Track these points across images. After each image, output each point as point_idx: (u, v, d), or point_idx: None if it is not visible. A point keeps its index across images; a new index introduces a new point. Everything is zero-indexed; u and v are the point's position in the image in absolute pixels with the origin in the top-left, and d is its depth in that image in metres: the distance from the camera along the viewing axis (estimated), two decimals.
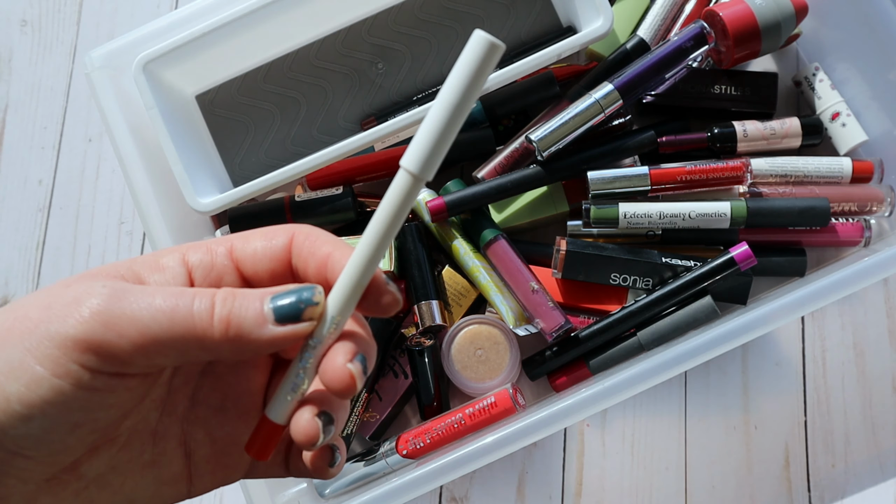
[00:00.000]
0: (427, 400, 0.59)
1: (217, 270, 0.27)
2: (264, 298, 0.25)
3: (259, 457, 0.27)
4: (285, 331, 0.25)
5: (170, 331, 0.24)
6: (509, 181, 0.59)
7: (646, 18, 0.62)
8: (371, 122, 0.61)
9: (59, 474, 0.26)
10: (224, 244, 0.28)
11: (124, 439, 0.28)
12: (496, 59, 0.23)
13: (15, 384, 0.24)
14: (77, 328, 0.24)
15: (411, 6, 0.61)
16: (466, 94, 0.24)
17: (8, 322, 0.25)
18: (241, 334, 0.25)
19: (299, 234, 0.27)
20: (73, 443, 0.25)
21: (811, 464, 0.61)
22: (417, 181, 0.25)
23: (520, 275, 0.58)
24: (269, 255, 0.27)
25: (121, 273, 0.27)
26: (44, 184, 0.69)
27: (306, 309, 0.25)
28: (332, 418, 0.27)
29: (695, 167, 0.58)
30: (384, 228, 0.25)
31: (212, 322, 0.25)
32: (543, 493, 0.62)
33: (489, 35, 0.23)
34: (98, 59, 0.57)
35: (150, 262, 0.27)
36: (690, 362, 0.51)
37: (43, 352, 0.24)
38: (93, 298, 0.24)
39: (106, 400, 0.25)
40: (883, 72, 0.58)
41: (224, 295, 0.25)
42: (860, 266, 0.52)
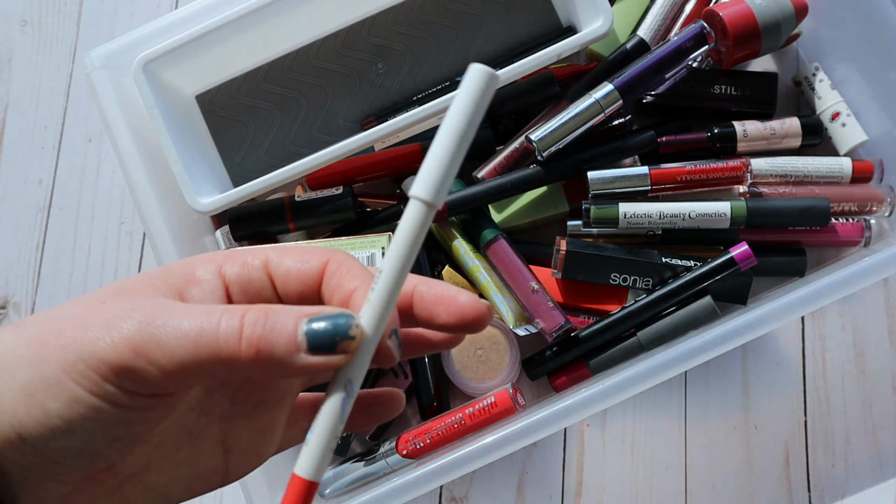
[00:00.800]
0: (427, 400, 0.59)
1: (255, 286, 0.27)
2: (299, 322, 0.24)
3: None
4: (317, 361, 0.24)
5: (195, 355, 0.24)
6: (509, 181, 0.59)
7: (646, 18, 0.62)
8: (371, 122, 0.61)
9: (94, 475, 0.26)
10: (260, 257, 0.27)
11: (159, 438, 0.28)
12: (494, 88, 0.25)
13: (55, 402, 0.24)
14: (109, 353, 0.23)
15: (411, 6, 0.61)
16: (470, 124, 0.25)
17: (42, 335, 0.24)
18: (271, 360, 0.24)
19: (333, 262, 0.27)
20: (110, 452, 0.25)
21: (811, 464, 0.61)
22: (430, 209, 0.25)
23: (520, 275, 0.58)
24: (300, 277, 0.27)
25: (157, 287, 0.26)
26: (44, 184, 0.69)
27: (341, 343, 0.24)
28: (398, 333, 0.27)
29: (695, 167, 0.58)
30: (404, 259, 0.25)
31: (239, 346, 0.24)
32: (543, 493, 0.62)
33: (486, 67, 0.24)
34: (98, 59, 0.57)
35: (187, 273, 0.27)
36: (690, 362, 0.51)
37: (79, 371, 0.24)
38: (124, 323, 0.24)
39: (144, 416, 0.25)
40: (883, 72, 0.58)
41: (255, 317, 0.24)
42: (860, 266, 0.52)
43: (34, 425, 0.24)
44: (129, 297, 0.25)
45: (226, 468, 0.29)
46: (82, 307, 0.25)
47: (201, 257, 0.28)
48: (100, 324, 0.24)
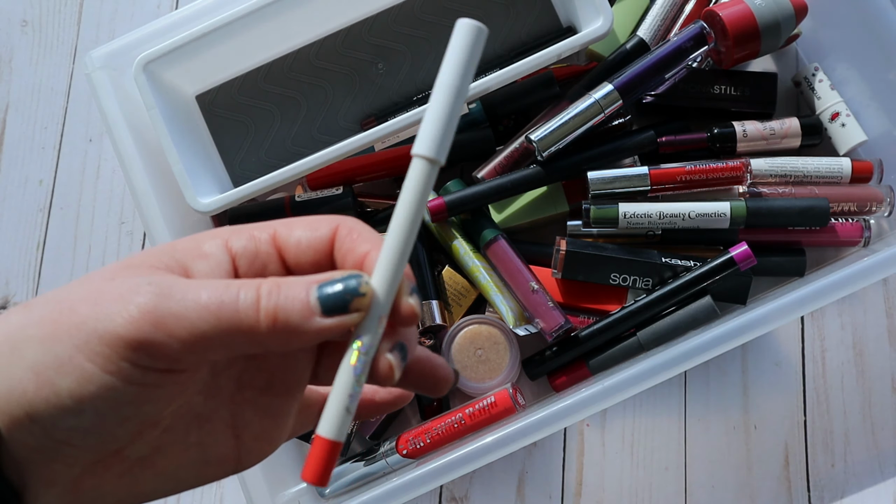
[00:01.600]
0: (427, 400, 0.60)
1: (261, 259, 0.27)
2: (310, 288, 0.25)
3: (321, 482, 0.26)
4: (332, 322, 0.25)
5: (217, 327, 0.24)
6: (509, 181, 0.59)
7: (646, 18, 0.62)
8: (371, 122, 0.61)
9: (103, 457, 0.26)
10: (267, 230, 0.27)
11: (168, 422, 0.28)
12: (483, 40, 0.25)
13: (65, 380, 0.24)
14: (127, 328, 0.23)
15: (411, 6, 0.61)
16: (464, 78, 0.25)
17: (53, 314, 0.24)
18: (288, 327, 0.24)
19: (343, 227, 0.27)
20: (119, 433, 0.25)
21: (811, 464, 0.61)
22: (433, 165, 0.25)
23: (520, 275, 0.58)
24: (312, 246, 0.27)
25: (164, 262, 0.26)
26: (44, 184, 0.69)
27: (353, 300, 0.25)
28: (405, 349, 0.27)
29: (694, 167, 0.58)
30: (410, 219, 0.25)
31: (258, 316, 0.24)
32: (543, 493, 0.62)
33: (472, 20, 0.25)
34: (98, 60, 0.57)
35: (193, 248, 0.27)
36: (690, 362, 0.51)
37: (93, 349, 0.24)
38: (140, 297, 0.24)
39: (154, 394, 0.25)
40: (882, 72, 0.58)
41: (269, 287, 0.25)
42: (860, 266, 0.52)
43: (44, 405, 0.24)
44: (138, 272, 0.25)
45: (237, 454, 0.29)
46: (92, 285, 0.25)
47: (207, 233, 0.28)
48: (114, 299, 0.24)
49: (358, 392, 0.26)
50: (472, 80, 0.25)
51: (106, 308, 0.24)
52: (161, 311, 0.24)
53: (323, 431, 0.26)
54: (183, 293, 0.24)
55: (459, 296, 0.61)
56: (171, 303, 0.24)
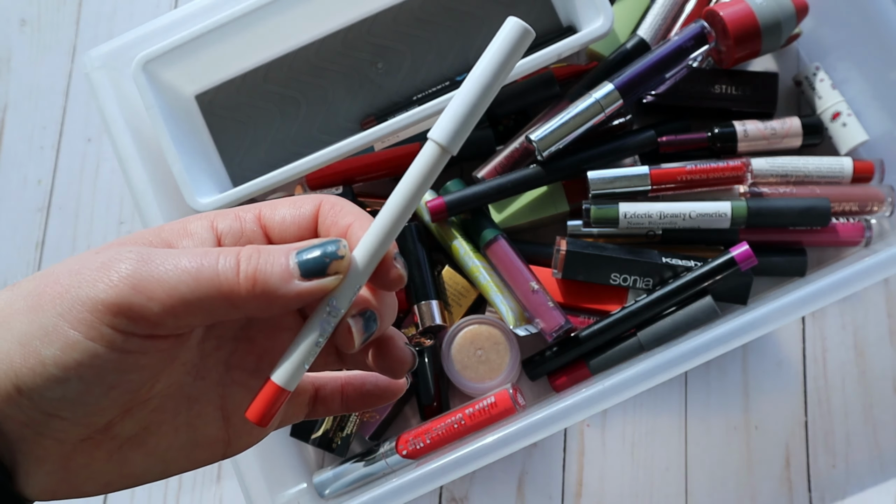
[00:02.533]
0: (427, 400, 0.59)
1: (246, 236, 0.28)
2: (290, 253, 0.25)
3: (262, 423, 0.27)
4: (311, 285, 0.25)
5: (196, 290, 0.24)
6: (509, 181, 0.59)
7: (646, 18, 0.62)
8: (371, 122, 0.61)
9: (93, 434, 0.27)
10: (252, 211, 0.28)
11: (157, 402, 0.28)
12: (527, 43, 0.25)
13: (50, 348, 0.24)
14: (107, 292, 0.24)
15: (412, 6, 0.61)
16: (497, 75, 0.25)
17: (39, 287, 0.25)
18: (267, 290, 0.25)
19: (325, 203, 0.28)
20: (107, 404, 0.25)
21: (812, 464, 0.61)
22: (444, 153, 0.26)
23: (520, 275, 0.58)
24: (296, 222, 0.28)
25: (149, 240, 0.27)
26: (43, 184, 0.69)
27: (332, 263, 0.25)
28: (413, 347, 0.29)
29: (695, 167, 0.58)
30: (408, 196, 0.26)
31: (238, 279, 0.25)
32: (543, 493, 0.61)
33: (522, 21, 0.25)
34: (97, 59, 0.57)
35: (178, 228, 0.28)
36: (691, 362, 0.51)
37: (75, 316, 0.24)
38: (121, 263, 0.24)
39: (139, 361, 0.25)
40: (884, 71, 0.58)
41: (249, 252, 0.25)
42: (861, 266, 0.52)
43: (30, 375, 0.24)
44: (123, 245, 0.26)
45: (227, 436, 0.29)
46: (76, 258, 0.26)
47: (195, 215, 0.28)
48: (96, 267, 0.25)
49: (317, 349, 0.26)
50: (505, 80, 0.26)
51: (88, 276, 0.24)
52: (141, 275, 0.24)
53: (276, 377, 0.26)
54: (163, 259, 0.25)
55: (459, 296, 0.61)
56: (152, 267, 0.24)
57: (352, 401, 0.32)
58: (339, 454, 0.59)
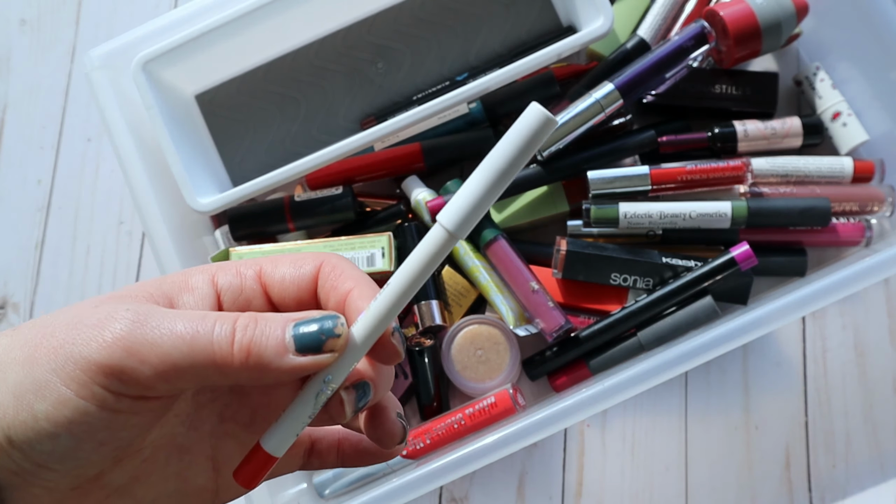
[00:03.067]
0: (427, 400, 0.59)
1: (245, 294, 0.27)
2: (286, 326, 0.25)
3: (248, 486, 0.27)
4: (305, 361, 0.25)
5: (190, 357, 0.24)
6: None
7: (646, 18, 0.62)
8: (371, 122, 0.61)
9: (83, 484, 0.26)
10: (253, 267, 0.28)
11: (149, 452, 0.28)
12: (548, 132, 0.25)
13: (42, 403, 0.24)
14: (100, 353, 0.24)
15: (412, 6, 0.61)
16: (513, 163, 0.25)
17: (35, 339, 0.25)
18: (261, 363, 0.25)
19: (326, 265, 0.27)
20: (97, 458, 0.25)
21: (812, 464, 0.61)
22: (451, 239, 0.25)
23: (520, 275, 0.58)
24: (296, 283, 0.27)
25: (150, 293, 0.27)
26: (43, 183, 0.69)
27: (328, 341, 0.25)
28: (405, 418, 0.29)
29: (695, 167, 0.58)
30: (413, 278, 0.26)
31: (232, 350, 0.25)
32: (543, 494, 0.61)
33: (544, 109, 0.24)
34: (97, 59, 0.57)
35: (181, 281, 0.27)
36: (691, 362, 0.51)
37: (68, 373, 0.24)
38: (116, 323, 0.24)
39: (129, 420, 0.25)
40: (884, 71, 0.58)
41: (245, 322, 0.25)
42: (861, 266, 0.52)
43: (22, 428, 0.24)
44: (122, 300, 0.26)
45: (216, 487, 0.29)
46: (75, 310, 0.26)
47: (197, 268, 0.28)
48: (92, 325, 0.24)
49: (308, 420, 0.26)
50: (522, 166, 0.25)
51: (83, 333, 0.24)
52: (135, 337, 0.24)
53: (265, 443, 0.26)
54: (159, 321, 0.25)
55: (459, 296, 0.61)
56: (146, 330, 0.24)
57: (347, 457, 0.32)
58: None
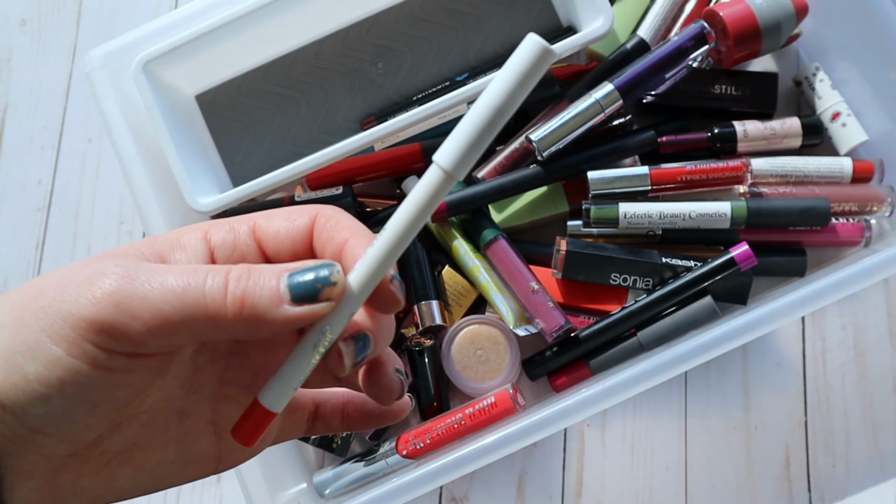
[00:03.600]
0: (427, 400, 0.59)
1: (240, 250, 0.27)
2: (281, 276, 0.24)
3: (247, 443, 0.26)
4: (301, 311, 0.24)
5: (182, 311, 0.23)
6: (509, 181, 0.59)
7: (646, 18, 0.62)
8: (371, 122, 0.61)
9: (80, 450, 0.26)
10: (247, 223, 0.27)
11: (147, 417, 0.27)
12: (547, 65, 0.23)
13: (33, 364, 0.23)
14: (89, 309, 0.23)
15: (411, 6, 0.61)
16: (511, 98, 0.23)
17: (24, 300, 0.24)
18: (255, 314, 0.24)
19: (321, 216, 0.27)
20: (93, 421, 0.25)
21: (811, 464, 0.61)
22: (449, 179, 0.24)
23: (520, 275, 0.58)
24: (290, 235, 0.27)
25: (141, 251, 0.26)
26: (43, 184, 0.69)
27: (323, 289, 0.24)
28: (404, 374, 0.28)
29: (695, 167, 0.58)
30: (410, 221, 0.25)
31: (225, 301, 0.24)
32: (543, 493, 0.61)
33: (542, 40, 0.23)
34: (98, 59, 0.57)
35: (172, 239, 0.27)
36: (691, 362, 0.51)
37: (57, 332, 0.23)
38: (105, 279, 0.24)
39: (123, 379, 0.24)
40: (883, 72, 0.58)
41: (238, 273, 0.24)
42: (860, 266, 0.52)
43: (13, 390, 0.23)
44: (112, 258, 0.25)
45: (218, 452, 0.29)
46: (64, 270, 0.25)
47: (189, 226, 0.27)
48: (80, 282, 0.24)
49: (307, 373, 0.26)
50: (520, 102, 0.24)
51: (72, 291, 0.24)
52: (125, 292, 0.23)
53: (262, 398, 0.26)
54: (149, 276, 0.24)
55: (459, 296, 0.61)
56: (136, 284, 0.24)
57: (352, 420, 0.31)
58: (340, 454, 0.59)
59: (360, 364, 0.26)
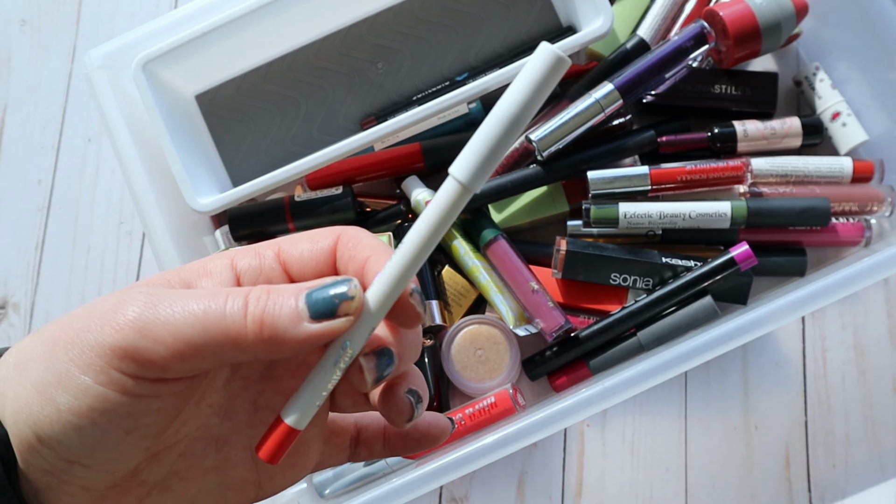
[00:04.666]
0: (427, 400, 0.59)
1: (265, 274, 0.27)
2: (299, 294, 0.25)
3: (271, 461, 0.26)
4: (321, 328, 0.24)
5: (203, 334, 0.24)
6: (509, 181, 0.59)
7: (646, 18, 0.62)
8: (371, 122, 0.61)
9: (119, 482, 0.26)
10: (272, 248, 0.27)
11: (184, 446, 0.28)
12: (561, 73, 0.23)
13: (64, 395, 0.24)
14: (114, 336, 0.24)
15: (411, 6, 0.61)
16: (526, 108, 0.23)
17: (55, 333, 0.25)
18: (275, 333, 0.24)
19: (343, 237, 0.27)
20: (126, 450, 0.25)
21: (812, 464, 0.61)
22: (466, 192, 0.24)
23: (520, 275, 0.58)
24: (314, 257, 0.27)
25: (168, 280, 0.26)
26: (43, 184, 0.69)
27: (341, 304, 0.24)
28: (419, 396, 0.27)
29: (695, 167, 0.58)
30: (427, 235, 0.25)
31: (245, 322, 0.24)
32: (543, 493, 0.61)
33: (556, 49, 0.23)
34: (97, 59, 0.57)
35: (199, 267, 0.27)
36: (691, 362, 0.51)
37: (85, 361, 0.24)
38: (129, 306, 0.24)
39: (152, 405, 0.25)
40: (883, 71, 0.58)
41: (258, 293, 0.25)
42: (860, 266, 0.52)
43: (48, 422, 0.24)
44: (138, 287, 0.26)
45: (258, 478, 0.29)
46: (93, 302, 0.25)
47: (216, 254, 0.28)
48: (106, 311, 0.24)
49: (328, 389, 0.26)
50: (535, 111, 0.24)
51: (97, 320, 0.24)
52: (147, 318, 0.24)
53: (286, 416, 0.26)
54: (171, 301, 0.24)
55: (459, 296, 0.61)
56: (159, 310, 0.24)
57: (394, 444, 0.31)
58: None
59: (383, 380, 0.26)
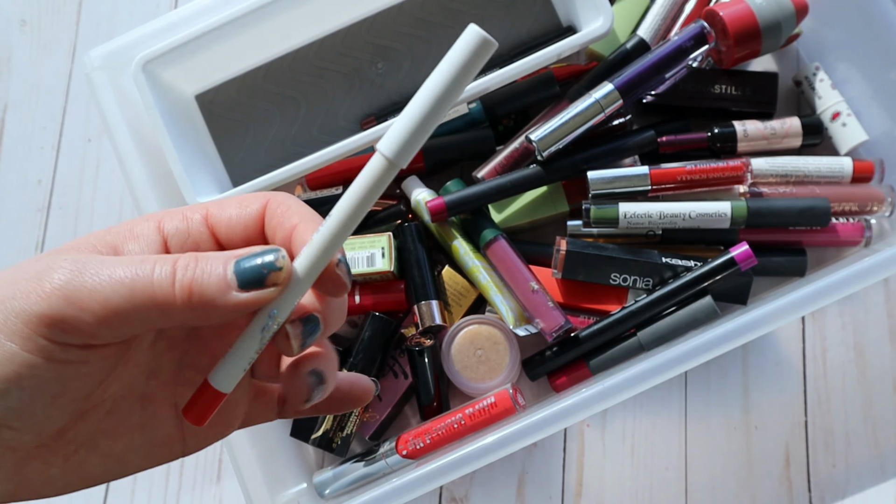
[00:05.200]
0: (427, 400, 0.59)
1: (193, 238, 0.27)
2: (228, 263, 0.25)
3: (197, 422, 0.27)
4: (249, 297, 0.25)
5: (131, 300, 0.24)
6: (509, 181, 0.59)
7: (646, 18, 0.62)
8: (371, 122, 0.61)
9: (46, 441, 0.26)
10: (200, 211, 0.28)
11: (110, 404, 0.28)
12: (487, 55, 0.24)
13: None
14: (40, 304, 0.24)
15: (411, 6, 0.61)
16: (451, 88, 0.24)
17: None
18: (204, 301, 0.24)
19: (272, 202, 0.27)
20: (54, 413, 0.25)
21: (812, 464, 0.61)
22: (392, 166, 0.25)
23: (520, 275, 0.58)
24: (243, 222, 0.27)
25: (93, 244, 0.26)
26: (43, 184, 0.69)
27: (270, 274, 0.25)
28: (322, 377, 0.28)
29: (695, 167, 0.58)
30: (353, 208, 0.25)
31: (173, 290, 0.24)
32: (543, 493, 0.61)
33: (482, 31, 0.23)
34: (97, 59, 0.57)
35: (125, 230, 0.27)
36: (691, 362, 0.51)
37: (10, 328, 0.24)
38: (54, 273, 0.24)
39: (80, 370, 0.25)
40: (883, 71, 0.58)
41: (186, 261, 0.25)
42: (860, 266, 0.52)
43: None
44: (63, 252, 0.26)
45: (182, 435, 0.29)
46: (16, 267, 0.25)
47: (143, 216, 0.28)
48: (31, 277, 0.24)
49: (255, 355, 0.26)
50: (462, 91, 0.24)
51: (22, 287, 0.24)
52: (74, 285, 0.24)
53: (213, 380, 0.26)
54: (98, 268, 0.24)
55: (459, 296, 0.61)
56: (85, 277, 0.24)
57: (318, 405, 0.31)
58: (339, 454, 0.59)
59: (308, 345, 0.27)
